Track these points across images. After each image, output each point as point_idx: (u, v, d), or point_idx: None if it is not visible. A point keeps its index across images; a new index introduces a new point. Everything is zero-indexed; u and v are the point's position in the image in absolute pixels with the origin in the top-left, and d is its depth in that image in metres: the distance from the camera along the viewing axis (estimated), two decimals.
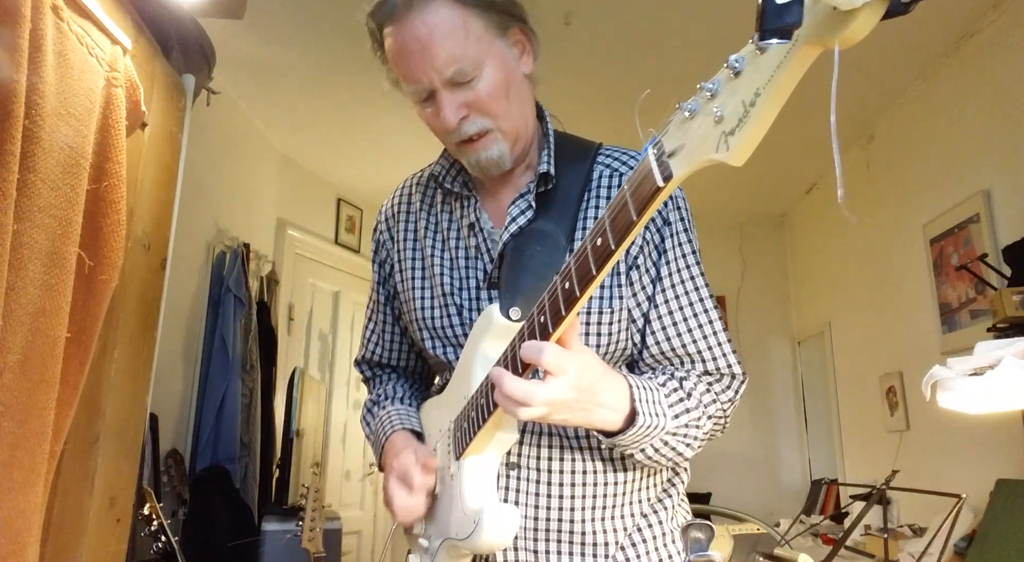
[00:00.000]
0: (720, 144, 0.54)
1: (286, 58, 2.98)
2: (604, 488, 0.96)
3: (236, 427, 2.98)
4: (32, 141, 1.02)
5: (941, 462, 2.87)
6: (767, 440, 4.68)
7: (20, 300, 1.01)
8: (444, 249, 1.05)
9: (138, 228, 1.46)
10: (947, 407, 1.58)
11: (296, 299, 4.03)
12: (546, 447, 0.95)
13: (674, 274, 0.96)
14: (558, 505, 0.95)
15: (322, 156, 4.01)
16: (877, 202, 3.50)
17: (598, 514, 0.95)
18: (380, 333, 1.20)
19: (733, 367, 0.96)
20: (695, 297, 0.96)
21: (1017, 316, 2.05)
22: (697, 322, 0.95)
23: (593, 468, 0.96)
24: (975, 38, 2.68)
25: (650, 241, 0.96)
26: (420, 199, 1.11)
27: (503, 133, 0.95)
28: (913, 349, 3.13)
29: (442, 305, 1.03)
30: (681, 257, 0.97)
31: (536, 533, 0.95)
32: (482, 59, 0.91)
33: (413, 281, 1.08)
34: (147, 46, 1.49)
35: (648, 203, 0.63)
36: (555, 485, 0.95)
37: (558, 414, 0.80)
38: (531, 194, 0.99)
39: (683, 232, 0.98)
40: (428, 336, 1.05)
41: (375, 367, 1.24)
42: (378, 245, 1.17)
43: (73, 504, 1.29)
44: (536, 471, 0.95)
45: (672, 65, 3.01)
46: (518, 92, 0.97)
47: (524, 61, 0.99)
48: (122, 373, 1.41)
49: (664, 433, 0.88)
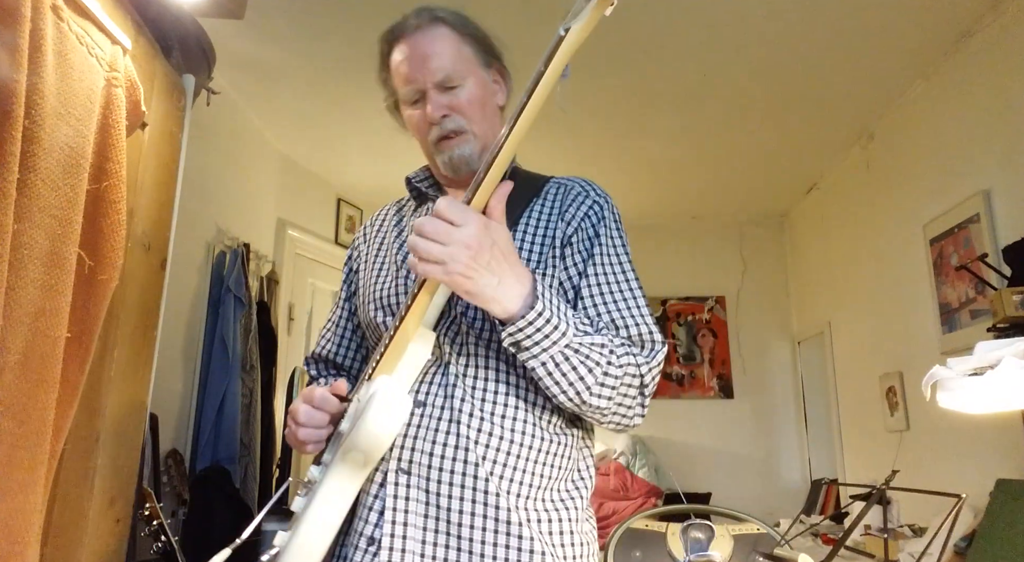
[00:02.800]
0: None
1: (286, 58, 2.98)
2: (499, 442, 0.98)
3: (236, 427, 2.98)
4: (32, 141, 1.02)
5: (941, 462, 2.87)
6: (767, 440, 4.69)
7: (20, 300, 1.01)
8: (406, 237, 1.16)
9: (138, 228, 1.46)
10: (947, 407, 1.58)
11: (296, 299, 4.03)
12: (451, 386, 1.00)
13: (605, 256, 1.07)
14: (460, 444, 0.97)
15: (322, 156, 4.01)
16: (877, 202, 3.51)
17: (497, 471, 0.97)
18: (334, 329, 1.27)
19: (654, 335, 1.02)
20: (621, 277, 1.06)
21: (1017, 316, 2.04)
22: (623, 295, 1.04)
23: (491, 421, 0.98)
24: (975, 38, 2.68)
25: (585, 230, 1.09)
26: (396, 211, 1.27)
27: (475, 136, 1.11)
28: (913, 349, 3.13)
29: (393, 278, 1.13)
30: (612, 247, 1.08)
31: (430, 471, 0.96)
32: (467, 75, 1.11)
33: (373, 266, 1.19)
34: (147, 46, 1.49)
35: (553, 52, 0.83)
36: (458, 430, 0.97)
37: (458, 264, 0.83)
38: None
39: (615, 228, 1.11)
40: (375, 307, 1.13)
41: (321, 364, 1.29)
42: (352, 250, 1.30)
43: (73, 504, 1.29)
44: (440, 409, 0.99)
45: (672, 68, 3.01)
46: (491, 112, 1.16)
47: (499, 95, 1.19)
48: (122, 373, 1.41)
49: (566, 345, 0.91)
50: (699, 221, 5.03)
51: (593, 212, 1.10)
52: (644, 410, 1.00)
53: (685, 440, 4.63)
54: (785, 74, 3.06)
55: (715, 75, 3.08)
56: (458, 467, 0.96)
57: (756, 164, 4.08)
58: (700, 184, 4.44)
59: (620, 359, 0.95)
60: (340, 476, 0.91)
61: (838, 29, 2.72)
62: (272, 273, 3.67)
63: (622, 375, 0.95)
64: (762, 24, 2.71)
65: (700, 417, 4.69)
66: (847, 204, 3.90)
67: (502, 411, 1.00)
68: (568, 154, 3.80)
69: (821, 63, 2.96)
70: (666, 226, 5.03)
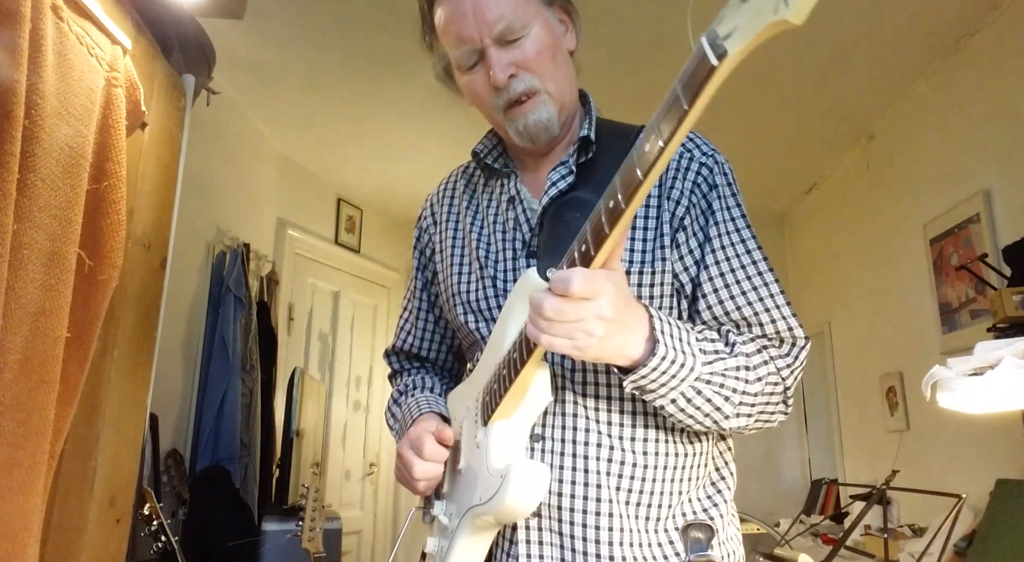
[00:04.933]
0: (778, 5, 0.51)
1: (286, 58, 2.98)
2: (632, 470, 0.87)
3: (236, 427, 2.98)
4: (32, 141, 1.02)
5: (941, 462, 2.87)
6: (767, 440, 4.68)
7: (20, 300, 1.01)
8: (483, 226, 1.04)
9: (138, 228, 1.46)
10: (947, 407, 1.58)
11: (296, 299, 4.03)
12: (571, 416, 0.89)
13: (724, 235, 0.90)
14: (590, 481, 0.87)
15: (322, 156, 4.01)
16: (877, 202, 3.50)
17: (634, 499, 0.87)
18: (414, 321, 1.17)
19: (795, 330, 0.89)
20: (748, 260, 0.90)
21: (1017, 316, 2.04)
22: (752, 284, 0.89)
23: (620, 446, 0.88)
24: (975, 38, 2.68)
25: (696, 204, 0.92)
26: (464, 184, 1.12)
27: (550, 95, 0.94)
28: (913, 349, 3.13)
29: (478, 278, 1.01)
30: (730, 220, 0.92)
31: (560, 511, 0.87)
32: (530, 20, 0.93)
33: (452, 258, 1.06)
34: (147, 46, 1.49)
35: (702, 87, 0.59)
36: (585, 465, 0.87)
37: (594, 337, 0.72)
38: (571, 160, 0.98)
39: (731, 196, 0.93)
40: (463, 311, 1.02)
41: (404, 359, 1.21)
42: (420, 232, 1.16)
43: (73, 504, 1.29)
44: (562, 442, 0.88)
45: (672, 68, 3.00)
46: (564, 62, 0.98)
47: (568, 37, 1.01)
48: (122, 373, 1.41)
49: (695, 378, 0.79)
50: None
51: (703, 178, 0.92)
52: (788, 409, 0.89)
53: None
54: (785, 74, 3.06)
55: None
56: (590, 506, 0.86)
57: (756, 164, 4.08)
58: None
59: (758, 372, 0.84)
60: (475, 534, 0.90)
61: (838, 29, 2.71)
62: (272, 273, 3.67)
63: (762, 389, 0.84)
64: None
65: None
66: (847, 204, 3.89)
67: (630, 433, 0.89)
68: None
69: (821, 63, 2.96)
70: None
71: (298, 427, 3.57)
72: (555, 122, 0.96)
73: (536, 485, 0.83)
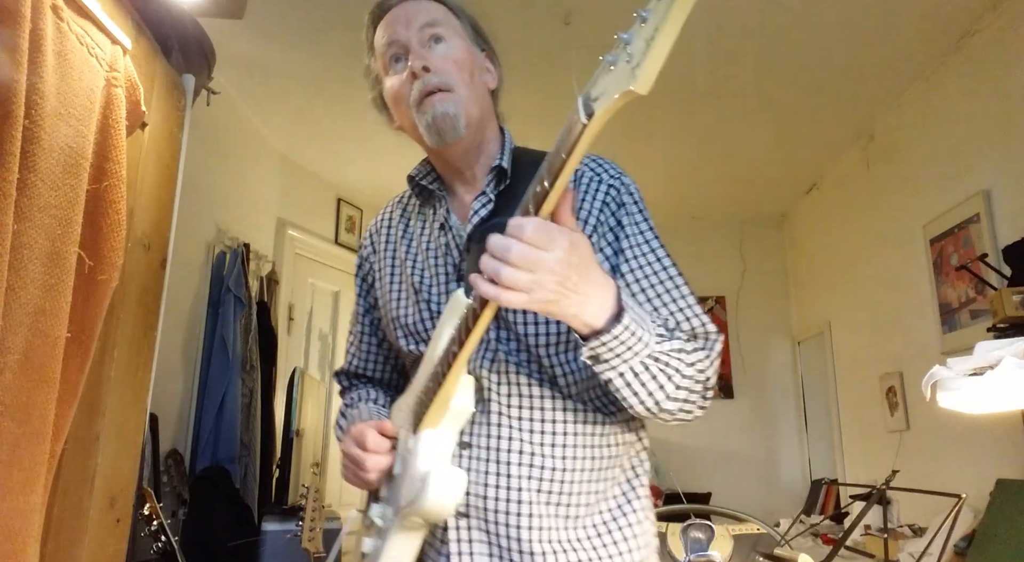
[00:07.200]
0: (629, 78, 0.62)
1: (286, 58, 2.98)
2: (551, 474, 0.94)
3: (236, 427, 2.98)
4: (32, 141, 1.02)
5: (941, 462, 2.87)
6: (767, 440, 4.69)
7: (20, 300, 1.01)
8: (417, 251, 1.11)
9: (138, 228, 1.46)
10: (947, 407, 1.58)
11: (296, 299, 4.03)
12: (495, 425, 0.96)
13: (635, 247, 0.97)
14: (512, 486, 0.94)
15: (322, 156, 4.01)
16: (877, 202, 3.51)
17: (554, 499, 0.94)
18: (358, 344, 1.24)
19: (707, 326, 0.94)
20: (659, 266, 0.97)
21: (1017, 316, 2.04)
22: (664, 287, 0.95)
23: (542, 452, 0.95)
24: (975, 38, 2.68)
25: (605, 222, 0.99)
26: (400, 214, 1.20)
27: (460, 97, 1.00)
28: (913, 349, 3.13)
29: (415, 303, 1.07)
30: (639, 233, 0.99)
31: (486, 512, 0.94)
32: (454, 36, 1.04)
33: (391, 286, 1.13)
34: (147, 46, 1.49)
35: (577, 141, 0.68)
36: (508, 471, 0.94)
37: (545, 291, 0.75)
38: (489, 189, 1.05)
39: (638, 212, 1.01)
40: (402, 334, 1.09)
41: (352, 378, 1.27)
42: (362, 260, 1.24)
43: (73, 504, 1.29)
44: (487, 450, 0.95)
45: (670, 65, 3.00)
46: (480, 86, 1.06)
47: (490, 78, 1.10)
48: (122, 373, 1.41)
49: (647, 354, 0.84)
50: (699, 221, 5.02)
51: (611, 198, 1.00)
52: (707, 403, 0.94)
53: (685, 440, 4.63)
54: (785, 74, 3.06)
55: (715, 75, 3.08)
56: (512, 507, 0.93)
57: (756, 164, 4.08)
58: (700, 184, 4.44)
59: (691, 357, 0.89)
60: (405, 534, 0.97)
61: (838, 29, 2.72)
62: (272, 273, 3.67)
63: (694, 375, 0.89)
64: (762, 24, 2.71)
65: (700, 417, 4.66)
66: (847, 204, 3.90)
67: (551, 440, 0.95)
68: None
69: (821, 63, 2.96)
70: (666, 226, 4.92)
71: (298, 427, 3.57)
72: (461, 121, 1.00)
73: (453, 489, 0.91)
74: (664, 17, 0.61)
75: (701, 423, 4.92)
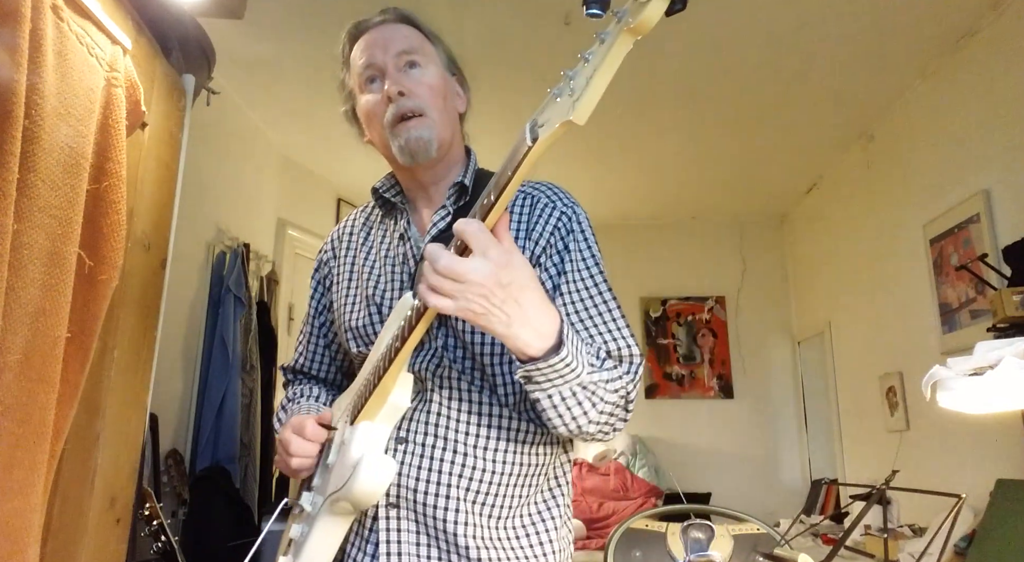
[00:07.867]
0: (570, 109, 0.71)
1: (286, 58, 2.98)
2: (481, 475, 1.00)
3: (236, 427, 2.98)
4: (32, 141, 1.02)
5: (941, 462, 2.87)
6: (767, 440, 4.69)
7: (20, 300, 1.01)
8: (375, 259, 1.16)
9: (138, 228, 1.46)
10: (947, 407, 1.58)
11: (296, 299, 4.03)
12: (433, 425, 1.01)
13: (576, 272, 1.04)
14: (443, 481, 0.99)
15: (322, 156, 4.01)
16: (877, 202, 3.51)
17: (480, 499, 1.00)
18: (306, 344, 1.28)
19: (632, 349, 1.00)
20: (595, 291, 1.03)
21: (1017, 316, 2.04)
22: (597, 310, 1.02)
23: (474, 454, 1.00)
24: (975, 38, 2.68)
25: (554, 245, 1.06)
26: (363, 222, 1.25)
27: (434, 122, 1.07)
28: (913, 349, 3.13)
29: (365, 307, 1.12)
30: (582, 259, 1.05)
31: (415, 504, 0.99)
32: (429, 63, 1.10)
33: (347, 291, 1.17)
34: (147, 46, 1.49)
35: (521, 162, 0.76)
36: (440, 467, 0.99)
37: (469, 302, 0.81)
38: (449, 203, 1.11)
39: (584, 240, 1.07)
40: (352, 337, 1.13)
41: (297, 374, 1.31)
42: (321, 263, 1.28)
43: (73, 504, 1.29)
44: (422, 446, 1.00)
45: (670, 65, 3.01)
46: (451, 111, 1.13)
47: (460, 101, 1.17)
48: (122, 373, 1.41)
49: (577, 381, 0.89)
50: (699, 221, 5.02)
51: (562, 224, 1.07)
52: (627, 417, 1.00)
53: (685, 440, 4.63)
54: (785, 74, 3.06)
55: (715, 75, 3.08)
56: (440, 502, 0.99)
57: (756, 164, 4.08)
58: (700, 184, 4.44)
59: (615, 385, 0.94)
60: (333, 519, 1.01)
61: (838, 29, 2.72)
62: (272, 273, 3.67)
63: (615, 400, 0.95)
64: (762, 24, 2.71)
65: (700, 417, 4.68)
66: (847, 204, 3.90)
67: (484, 444, 1.01)
68: (568, 155, 3.80)
69: (821, 63, 2.96)
70: (666, 226, 5.03)
71: None
72: (433, 145, 1.07)
73: (383, 476, 0.95)
74: (602, 61, 0.70)
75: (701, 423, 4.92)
